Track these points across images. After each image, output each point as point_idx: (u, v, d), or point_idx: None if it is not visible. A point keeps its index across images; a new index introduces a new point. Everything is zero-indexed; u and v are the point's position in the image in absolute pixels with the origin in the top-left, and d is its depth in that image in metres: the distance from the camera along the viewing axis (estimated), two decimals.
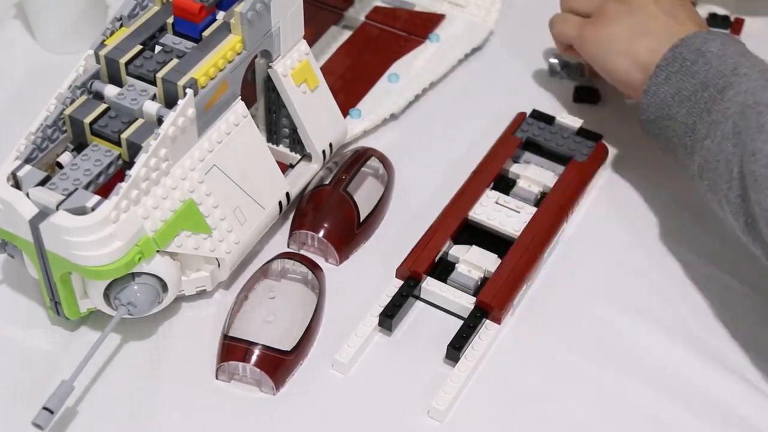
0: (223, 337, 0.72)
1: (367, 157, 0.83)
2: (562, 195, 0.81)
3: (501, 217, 0.79)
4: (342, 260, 0.79)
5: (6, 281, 0.77)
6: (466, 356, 0.72)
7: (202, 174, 0.71)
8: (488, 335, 0.73)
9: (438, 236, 0.77)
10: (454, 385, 0.70)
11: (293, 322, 0.73)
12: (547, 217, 0.79)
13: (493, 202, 0.80)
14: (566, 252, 0.80)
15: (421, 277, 0.75)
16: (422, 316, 0.76)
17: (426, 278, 0.76)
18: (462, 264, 0.77)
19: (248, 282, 0.75)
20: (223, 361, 0.71)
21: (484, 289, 0.74)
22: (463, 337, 0.72)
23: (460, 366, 0.71)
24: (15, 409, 0.69)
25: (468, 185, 0.81)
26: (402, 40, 0.94)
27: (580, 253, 0.80)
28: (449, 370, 0.71)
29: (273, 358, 0.70)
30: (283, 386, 0.71)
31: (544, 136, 0.85)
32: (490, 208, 0.80)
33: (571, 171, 0.82)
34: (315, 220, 0.78)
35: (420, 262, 0.76)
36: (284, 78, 0.77)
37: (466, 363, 0.71)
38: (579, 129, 0.85)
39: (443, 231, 0.78)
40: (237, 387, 0.71)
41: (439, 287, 0.75)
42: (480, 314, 0.73)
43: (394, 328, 0.74)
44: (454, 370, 0.71)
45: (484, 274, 0.76)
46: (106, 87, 0.71)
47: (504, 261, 0.76)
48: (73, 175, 0.67)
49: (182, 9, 0.72)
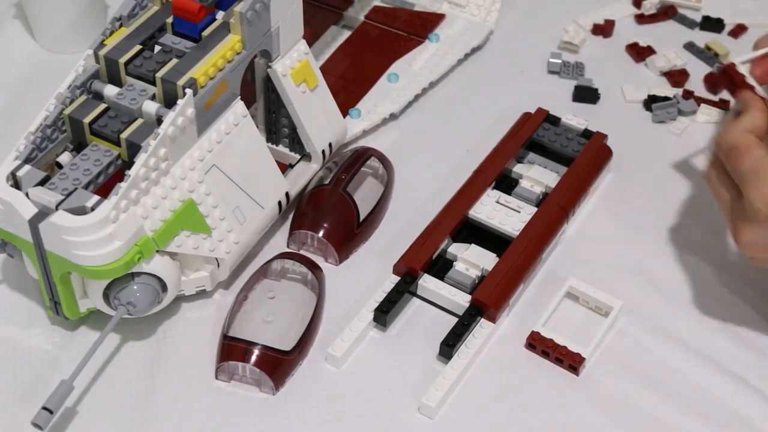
0: (223, 337, 0.72)
1: (367, 157, 0.83)
2: (564, 195, 0.80)
3: (501, 216, 0.79)
4: (342, 260, 0.79)
5: (6, 281, 0.77)
6: (459, 354, 0.72)
7: (202, 174, 0.71)
8: (482, 333, 0.73)
9: (437, 234, 0.77)
10: (446, 382, 0.70)
11: (293, 322, 0.73)
12: (547, 217, 0.79)
13: (493, 201, 0.80)
14: (565, 253, 0.80)
15: (418, 273, 0.75)
16: (418, 313, 0.76)
17: (423, 275, 0.76)
18: (460, 262, 0.77)
19: (248, 282, 0.75)
20: (223, 361, 0.71)
21: (480, 287, 0.74)
22: (457, 334, 0.72)
23: (452, 363, 0.71)
24: (14, 409, 0.69)
25: (469, 184, 0.81)
26: (402, 39, 0.94)
27: (579, 253, 0.80)
28: (442, 368, 0.72)
29: (272, 358, 0.70)
30: (283, 386, 0.71)
31: (549, 136, 0.85)
32: (490, 207, 0.80)
33: (573, 171, 0.82)
34: (314, 220, 0.78)
35: (417, 258, 0.76)
36: (284, 78, 0.77)
37: (459, 361, 0.71)
38: (584, 130, 0.85)
39: (442, 228, 0.78)
40: (237, 387, 0.71)
41: (436, 284, 0.75)
42: (475, 312, 0.73)
43: (388, 324, 0.74)
44: (447, 368, 0.71)
45: (482, 272, 0.76)
46: (105, 87, 0.71)
47: (501, 260, 0.76)
48: (72, 174, 0.67)
49: (182, 9, 0.72)
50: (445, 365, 0.71)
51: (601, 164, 0.84)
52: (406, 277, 0.75)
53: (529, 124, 0.86)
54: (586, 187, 0.82)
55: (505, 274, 0.75)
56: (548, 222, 0.79)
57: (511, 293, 0.75)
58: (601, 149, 0.84)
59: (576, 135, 0.85)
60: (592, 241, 0.81)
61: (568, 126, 0.86)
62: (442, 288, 0.75)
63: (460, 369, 0.71)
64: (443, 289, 0.75)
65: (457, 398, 0.71)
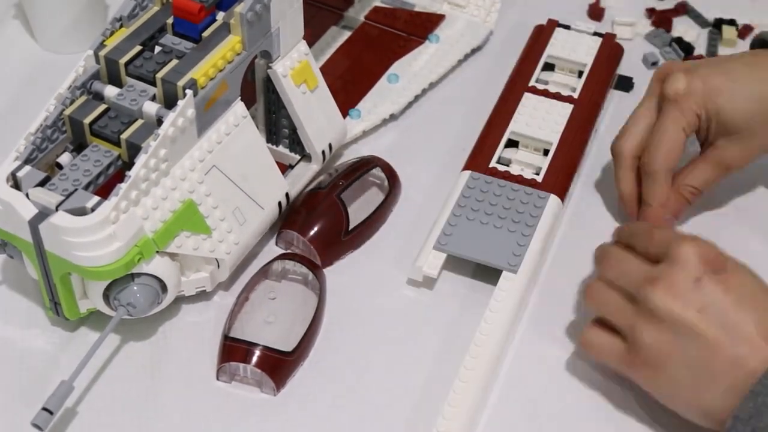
0: (224, 337, 0.72)
1: (371, 166, 0.82)
2: (593, 91, 0.87)
3: (539, 122, 0.84)
4: (325, 265, 0.78)
5: (5, 282, 0.77)
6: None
7: (202, 174, 0.71)
8: (552, 211, 0.78)
9: (491, 140, 0.83)
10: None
11: (294, 323, 0.73)
12: (582, 113, 0.85)
13: (530, 109, 0.85)
14: (566, 253, 0.80)
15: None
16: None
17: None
18: (515, 164, 0.82)
19: (249, 283, 0.75)
20: (224, 362, 0.71)
21: (546, 175, 0.80)
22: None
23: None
24: (14, 410, 0.69)
25: (505, 98, 0.87)
26: (402, 40, 0.94)
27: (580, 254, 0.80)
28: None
29: (274, 359, 0.70)
30: (284, 387, 0.71)
31: (561, 44, 0.91)
32: (527, 116, 0.85)
33: (594, 70, 0.88)
34: (303, 222, 0.78)
35: (482, 162, 0.81)
36: (284, 78, 0.77)
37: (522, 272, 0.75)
38: (593, 33, 0.91)
39: (495, 137, 0.83)
40: (238, 388, 0.71)
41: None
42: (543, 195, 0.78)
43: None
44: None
45: (536, 171, 0.81)
46: (105, 87, 0.71)
47: (555, 152, 0.81)
48: (72, 175, 0.67)
49: (182, 9, 0.72)
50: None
51: (616, 60, 0.91)
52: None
53: (543, 37, 0.91)
54: (610, 80, 0.89)
55: (562, 161, 0.81)
56: (585, 116, 0.85)
57: (571, 178, 0.81)
58: (613, 47, 0.91)
59: (588, 36, 0.91)
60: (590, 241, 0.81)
61: (579, 30, 0.92)
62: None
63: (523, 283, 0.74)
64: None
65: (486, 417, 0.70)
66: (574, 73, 0.90)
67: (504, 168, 0.81)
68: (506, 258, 0.75)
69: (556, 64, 0.90)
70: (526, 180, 0.80)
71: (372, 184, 0.83)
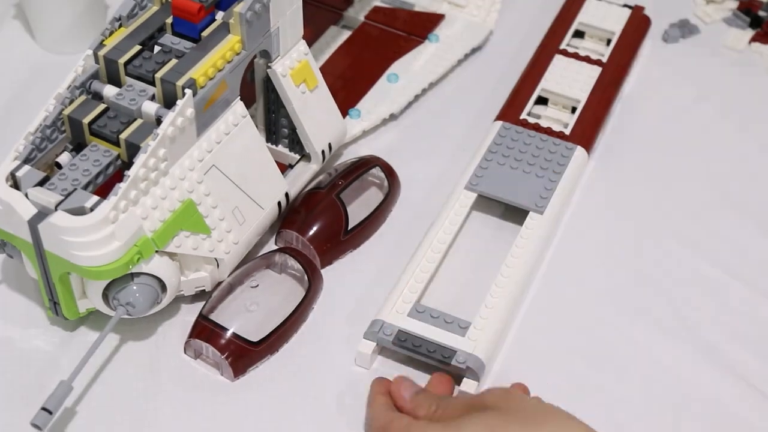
0: (199, 314, 0.73)
1: (371, 166, 0.82)
2: (621, 56, 0.91)
3: (568, 81, 0.88)
4: (324, 265, 0.78)
5: (5, 281, 0.77)
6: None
7: (201, 174, 0.71)
8: (577, 162, 0.82)
9: (522, 95, 0.87)
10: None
11: (273, 316, 0.73)
12: (610, 75, 0.89)
13: (561, 68, 0.89)
14: (566, 253, 0.80)
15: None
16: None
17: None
18: (543, 120, 0.86)
19: (246, 268, 0.76)
20: (190, 338, 0.72)
21: (574, 128, 0.84)
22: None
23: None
24: (13, 410, 0.69)
25: (538, 57, 0.91)
26: (401, 40, 0.94)
27: (581, 254, 0.80)
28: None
29: (237, 346, 0.71)
30: (243, 375, 0.71)
31: (592, 13, 0.95)
32: (558, 75, 0.89)
33: (622, 39, 0.93)
34: (303, 223, 0.78)
35: (514, 113, 0.85)
36: (283, 78, 0.77)
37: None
38: (623, 5, 0.96)
39: (525, 92, 0.87)
40: (201, 365, 0.72)
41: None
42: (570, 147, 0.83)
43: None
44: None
45: (564, 127, 0.85)
46: (105, 87, 0.71)
47: (583, 109, 0.85)
48: (71, 175, 0.67)
49: (181, 9, 0.72)
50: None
51: (643, 30, 0.95)
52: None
53: (575, 6, 0.96)
54: (637, 49, 0.93)
55: (591, 114, 0.86)
56: (613, 79, 0.89)
57: (599, 129, 0.86)
58: (641, 19, 0.95)
59: (617, 7, 0.96)
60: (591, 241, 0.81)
61: (608, 1, 0.96)
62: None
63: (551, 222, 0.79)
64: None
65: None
66: (603, 41, 0.94)
67: (534, 120, 0.85)
68: (534, 200, 0.80)
69: (586, 32, 0.95)
70: (555, 132, 0.84)
71: (371, 183, 0.83)
